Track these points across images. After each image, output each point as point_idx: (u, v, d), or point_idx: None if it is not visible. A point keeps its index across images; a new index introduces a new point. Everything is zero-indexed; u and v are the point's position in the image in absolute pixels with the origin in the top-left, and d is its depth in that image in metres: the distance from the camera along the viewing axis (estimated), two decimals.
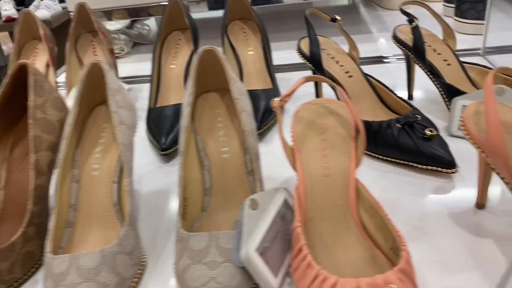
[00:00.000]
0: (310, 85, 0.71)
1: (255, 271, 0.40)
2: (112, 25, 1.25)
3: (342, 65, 0.69)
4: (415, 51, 0.67)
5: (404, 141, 0.57)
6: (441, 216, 0.50)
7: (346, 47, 0.71)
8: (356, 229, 0.43)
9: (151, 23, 1.31)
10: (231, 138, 0.52)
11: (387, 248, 0.41)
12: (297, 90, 0.48)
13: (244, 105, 0.49)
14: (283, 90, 0.80)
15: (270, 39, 0.81)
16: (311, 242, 0.43)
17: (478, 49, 0.89)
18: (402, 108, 0.63)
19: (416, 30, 0.66)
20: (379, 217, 0.42)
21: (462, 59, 0.91)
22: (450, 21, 1.05)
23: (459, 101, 0.62)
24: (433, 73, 0.66)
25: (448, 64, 0.67)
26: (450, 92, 0.65)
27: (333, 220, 0.44)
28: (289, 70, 0.91)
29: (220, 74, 0.51)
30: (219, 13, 0.97)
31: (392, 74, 0.85)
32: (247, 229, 0.41)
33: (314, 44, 0.67)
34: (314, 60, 0.67)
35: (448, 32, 0.69)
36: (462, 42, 0.96)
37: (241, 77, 0.79)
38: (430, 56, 0.68)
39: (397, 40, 0.69)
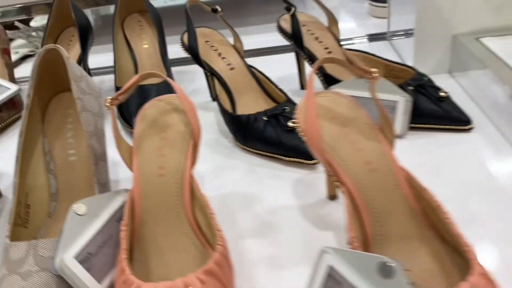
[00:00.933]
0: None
1: (72, 279, 0.38)
2: (37, 21, 1.21)
3: (224, 57, 0.67)
4: (293, 39, 0.66)
5: (269, 133, 0.56)
6: (294, 209, 0.50)
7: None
8: (190, 229, 0.42)
9: None
10: (79, 139, 0.50)
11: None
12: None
13: (87, 105, 0.48)
14: (183, 84, 0.79)
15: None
16: (144, 245, 0.42)
17: (385, 33, 0.89)
18: (282, 99, 0.62)
19: (293, 18, 0.64)
20: (207, 215, 0.41)
21: (370, 44, 0.92)
22: (365, 5, 1.05)
23: (334, 90, 0.62)
24: (314, 61, 0.66)
25: (329, 52, 0.67)
26: (328, 81, 0.64)
27: (166, 221, 0.43)
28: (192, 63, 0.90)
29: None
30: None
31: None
32: (67, 235, 0.39)
33: (192, 37, 0.65)
34: (192, 53, 0.65)
35: (331, 19, 0.68)
36: (377, 26, 0.97)
37: (136, 71, 0.77)
38: (311, 43, 0.67)
39: (280, 29, 0.68)
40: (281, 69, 0.76)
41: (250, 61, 0.70)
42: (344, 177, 0.40)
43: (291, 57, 0.73)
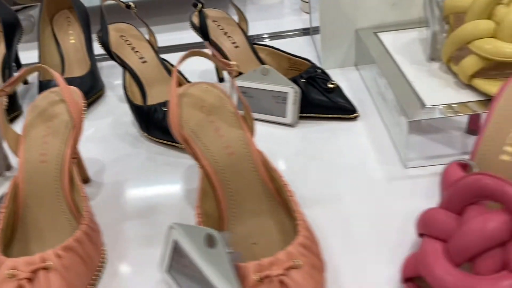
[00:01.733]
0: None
1: None
2: None
3: (137, 51, 0.71)
4: (201, 34, 0.69)
5: (166, 123, 0.59)
6: (178, 193, 0.53)
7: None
8: (68, 210, 0.46)
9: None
10: None
11: None
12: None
13: None
14: (110, 78, 0.82)
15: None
16: (26, 226, 0.45)
17: (308, 28, 0.93)
18: None
19: (200, 14, 0.68)
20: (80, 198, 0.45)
21: (292, 39, 0.96)
22: (299, 2, 1.09)
23: (235, 82, 0.66)
24: (222, 55, 0.69)
25: (236, 46, 0.70)
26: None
27: (47, 204, 0.46)
28: None
29: None
30: None
31: None
32: None
33: (104, 32, 0.68)
34: (103, 48, 0.68)
35: (240, 15, 0.72)
36: (306, 21, 1.01)
37: (63, 66, 0.80)
38: (220, 38, 0.70)
39: (192, 25, 0.72)
40: (201, 63, 0.80)
41: (171, 56, 0.73)
42: (203, 161, 0.44)
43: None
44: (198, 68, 0.79)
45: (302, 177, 0.53)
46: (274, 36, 0.94)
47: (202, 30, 0.69)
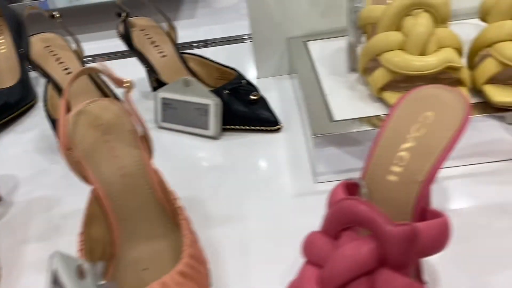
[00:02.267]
0: None
1: None
2: None
3: (62, 62, 0.69)
4: (126, 43, 0.67)
5: None
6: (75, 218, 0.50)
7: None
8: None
9: None
10: None
11: None
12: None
13: None
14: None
15: None
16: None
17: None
18: None
19: (123, 23, 0.66)
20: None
21: (239, 45, 0.95)
22: None
23: (159, 93, 0.64)
24: (149, 65, 0.68)
25: (164, 56, 0.69)
26: (159, 83, 0.66)
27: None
28: None
29: None
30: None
31: None
32: None
33: (25, 44, 0.66)
34: (27, 60, 0.66)
35: (169, 24, 0.70)
36: None
37: None
38: (146, 47, 0.69)
39: (119, 34, 0.70)
40: (136, 72, 0.78)
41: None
42: (94, 183, 0.42)
43: None
44: (133, 76, 0.77)
45: (213, 193, 0.52)
46: (222, 41, 0.93)
47: (126, 39, 0.67)
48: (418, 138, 0.38)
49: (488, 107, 0.48)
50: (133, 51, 0.68)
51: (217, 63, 0.68)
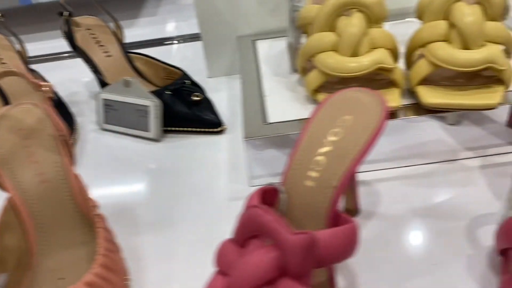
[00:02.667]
0: None
1: None
2: None
3: (4, 63, 0.67)
4: (69, 43, 0.66)
5: None
6: None
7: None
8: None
9: None
10: None
11: None
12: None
13: None
14: None
15: None
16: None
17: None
18: None
19: (67, 23, 0.65)
20: None
21: (195, 43, 0.93)
22: None
23: (100, 95, 0.63)
24: (92, 65, 0.66)
25: (109, 56, 0.67)
26: (102, 84, 0.65)
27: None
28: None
29: None
30: None
31: None
32: None
33: None
34: None
35: (116, 23, 0.69)
36: None
37: None
38: (90, 47, 0.67)
39: (62, 33, 0.68)
40: (86, 72, 0.77)
41: (44, 66, 0.70)
42: (10, 190, 0.41)
43: None
44: (82, 77, 0.75)
45: (149, 197, 0.51)
46: (181, 39, 0.91)
47: (68, 39, 0.65)
48: (335, 142, 0.37)
49: (421, 109, 0.47)
50: (76, 51, 0.66)
51: (163, 62, 0.67)
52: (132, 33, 1.00)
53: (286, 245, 0.29)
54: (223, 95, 0.67)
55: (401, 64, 0.50)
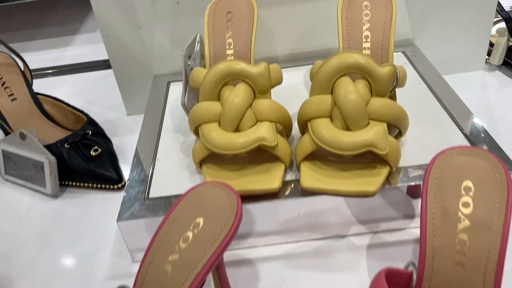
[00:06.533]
0: None
1: None
2: None
3: None
4: None
5: None
6: None
7: None
8: None
9: None
10: None
11: None
12: None
13: None
14: None
15: None
16: None
17: None
18: None
19: None
20: None
21: None
22: None
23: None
24: None
25: (14, 99, 0.64)
26: (4, 131, 0.62)
27: None
28: None
29: None
30: None
31: None
32: None
33: None
34: None
35: (24, 63, 0.65)
36: None
37: None
38: None
39: None
40: None
41: None
42: None
43: None
44: None
45: (28, 268, 0.48)
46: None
47: None
48: (183, 250, 0.35)
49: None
50: None
51: (70, 106, 0.64)
52: (69, 52, 0.97)
53: None
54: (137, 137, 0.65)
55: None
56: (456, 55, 0.69)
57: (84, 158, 0.56)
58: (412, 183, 0.44)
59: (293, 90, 0.59)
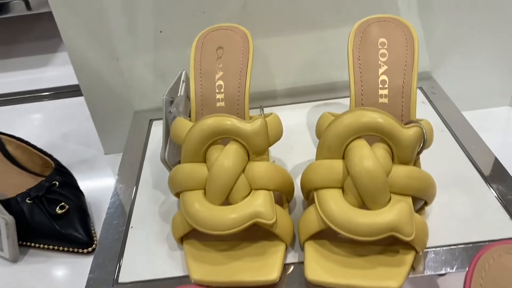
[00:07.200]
0: None
1: None
2: None
3: None
4: None
5: None
6: None
7: None
8: None
9: None
10: None
11: None
12: None
13: None
14: None
15: None
16: None
17: None
18: None
19: None
20: None
21: None
22: None
23: None
24: None
25: None
26: None
27: None
28: None
29: None
30: None
31: None
32: None
33: None
34: None
35: None
36: None
37: None
38: None
39: None
40: None
41: None
42: None
43: None
44: None
45: None
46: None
47: None
48: None
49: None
50: None
51: (37, 148, 0.55)
52: (47, 74, 0.88)
53: None
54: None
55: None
56: (479, 89, 0.61)
57: (48, 216, 0.48)
58: (442, 271, 0.35)
59: (293, 134, 0.51)
